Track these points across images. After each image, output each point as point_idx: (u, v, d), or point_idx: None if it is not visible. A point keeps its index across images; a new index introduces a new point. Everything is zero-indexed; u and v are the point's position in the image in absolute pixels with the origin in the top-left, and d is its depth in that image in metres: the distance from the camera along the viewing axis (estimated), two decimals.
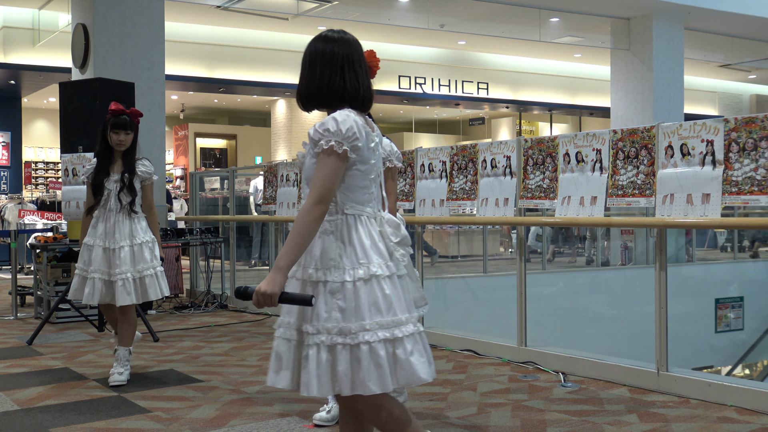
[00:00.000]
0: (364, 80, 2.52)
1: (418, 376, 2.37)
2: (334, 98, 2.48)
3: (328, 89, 2.48)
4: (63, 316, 7.20)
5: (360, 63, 2.53)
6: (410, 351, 2.37)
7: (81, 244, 4.84)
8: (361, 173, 2.45)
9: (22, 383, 4.79)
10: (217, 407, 4.17)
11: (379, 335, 2.35)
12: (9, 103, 16.07)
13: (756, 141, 3.93)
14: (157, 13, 9.11)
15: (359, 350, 2.35)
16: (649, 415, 3.91)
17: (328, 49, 2.50)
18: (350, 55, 2.51)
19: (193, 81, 14.73)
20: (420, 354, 2.40)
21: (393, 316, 2.38)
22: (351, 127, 2.39)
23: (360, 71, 2.52)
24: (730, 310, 8.59)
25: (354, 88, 2.49)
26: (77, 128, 6.56)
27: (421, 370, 2.38)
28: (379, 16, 13.49)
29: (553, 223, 6.45)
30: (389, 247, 2.47)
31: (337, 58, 2.49)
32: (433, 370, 2.44)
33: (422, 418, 3.90)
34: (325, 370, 2.36)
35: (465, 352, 5.53)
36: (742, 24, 14.94)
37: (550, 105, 19.49)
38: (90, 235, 4.79)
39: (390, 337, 2.36)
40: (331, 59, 2.49)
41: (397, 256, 2.48)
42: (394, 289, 2.41)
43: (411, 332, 2.40)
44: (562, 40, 15.11)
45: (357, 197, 2.46)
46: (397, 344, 2.37)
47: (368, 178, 2.48)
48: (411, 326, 2.41)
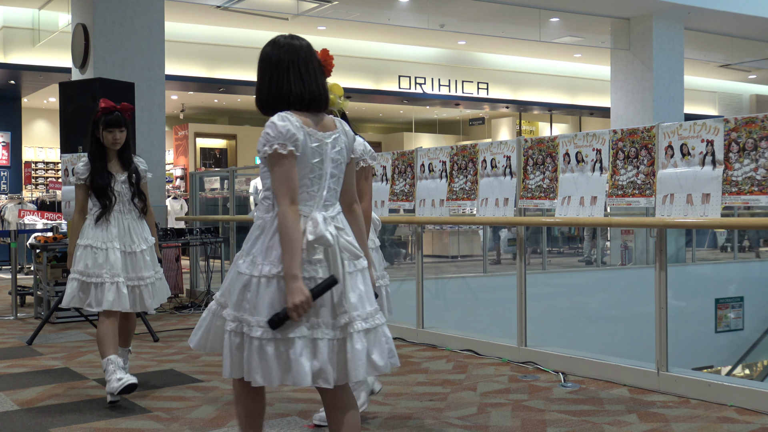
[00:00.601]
0: (310, 82, 2.62)
1: (304, 378, 2.44)
2: (282, 102, 2.60)
3: (276, 94, 2.61)
4: (63, 316, 7.20)
5: (307, 66, 2.63)
6: (299, 353, 2.44)
7: (72, 246, 4.48)
8: (299, 171, 2.53)
9: (22, 383, 4.79)
10: (217, 407, 4.17)
11: (269, 334, 2.45)
12: (9, 103, 16.07)
13: (756, 141, 3.93)
14: (157, 13, 9.11)
15: (251, 344, 2.48)
16: (649, 415, 3.91)
17: (275, 55, 2.63)
18: (295, 59, 2.62)
19: (193, 81, 14.72)
20: (307, 358, 2.45)
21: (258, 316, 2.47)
22: (288, 127, 2.50)
23: (306, 74, 2.62)
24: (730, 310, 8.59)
25: (299, 91, 2.60)
26: (77, 128, 6.55)
27: (306, 374, 2.44)
28: (379, 16, 13.49)
29: (553, 223, 6.45)
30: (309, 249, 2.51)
31: (283, 63, 2.61)
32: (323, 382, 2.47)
33: (422, 418, 3.91)
34: (231, 354, 2.54)
35: (465, 352, 5.54)
36: (742, 24, 14.94)
37: (550, 105, 19.49)
38: (92, 238, 4.43)
39: (280, 338, 2.45)
40: (278, 64, 2.62)
41: (311, 258, 2.51)
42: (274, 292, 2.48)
43: (303, 335, 2.46)
44: (562, 40, 15.11)
45: None
46: (289, 344, 2.45)
47: (307, 177, 2.55)
48: (305, 329, 2.46)
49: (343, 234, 2.60)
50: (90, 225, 4.47)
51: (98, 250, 4.42)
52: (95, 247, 4.42)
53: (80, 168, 4.49)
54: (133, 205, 4.54)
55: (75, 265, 4.44)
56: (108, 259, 4.40)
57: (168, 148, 18.69)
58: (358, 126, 24.06)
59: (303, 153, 2.53)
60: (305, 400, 4.23)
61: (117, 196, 4.48)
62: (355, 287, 2.56)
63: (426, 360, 5.34)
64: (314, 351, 2.48)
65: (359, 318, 2.53)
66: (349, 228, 2.66)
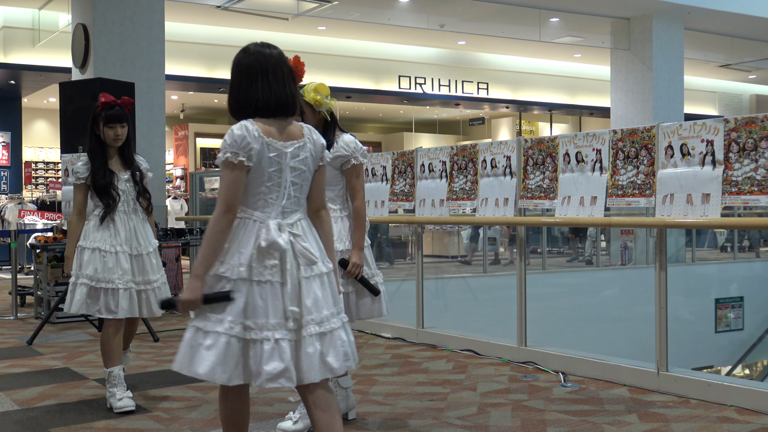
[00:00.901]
0: (277, 89, 2.69)
1: (195, 370, 2.60)
2: (249, 109, 2.69)
3: (244, 100, 2.70)
4: (63, 316, 7.20)
5: (275, 73, 2.70)
6: (208, 346, 2.59)
7: (71, 249, 4.25)
8: (254, 180, 2.63)
9: (22, 383, 4.79)
10: (217, 407, 4.17)
11: (195, 323, 2.63)
12: (9, 103, 16.07)
13: (756, 141, 3.93)
14: (157, 13, 9.11)
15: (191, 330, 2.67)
16: (649, 415, 3.91)
17: (244, 62, 2.72)
18: (264, 67, 2.69)
19: (193, 81, 14.72)
20: (212, 352, 2.58)
21: (208, 311, 2.62)
22: (243, 136, 2.60)
23: (275, 81, 2.69)
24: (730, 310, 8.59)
25: (265, 98, 2.67)
26: (77, 128, 6.55)
27: (201, 365, 2.59)
28: (379, 16, 13.49)
29: (553, 223, 6.45)
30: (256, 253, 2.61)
31: (252, 70, 2.69)
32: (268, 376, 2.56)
33: (422, 418, 3.91)
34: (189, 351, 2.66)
35: (465, 352, 5.54)
36: (742, 24, 14.94)
37: (550, 105, 19.49)
38: (99, 240, 4.19)
39: (202, 328, 2.61)
40: (247, 71, 2.70)
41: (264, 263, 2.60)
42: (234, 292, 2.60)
43: (216, 330, 2.58)
44: (562, 40, 15.12)
45: (248, 202, 2.65)
46: (207, 337, 2.60)
47: (264, 185, 2.64)
48: (219, 327, 2.59)
49: (299, 240, 2.67)
50: (94, 227, 4.22)
51: (107, 253, 4.18)
52: (104, 250, 4.17)
53: (79, 167, 4.27)
54: (138, 205, 4.32)
55: (82, 269, 4.18)
56: (119, 263, 4.18)
57: (168, 148, 18.69)
58: (358, 126, 24.11)
59: (259, 162, 2.61)
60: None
61: (121, 195, 4.24)
62: (310, 292, 2.65)
63: (426, 360, 5.34)
64: (279, 352, 2.57)
65: (313, 322, 2.63)
66: (309, 234, 2.73)
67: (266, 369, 2.55)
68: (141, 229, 4.32)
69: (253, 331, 2.58)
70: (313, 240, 2.74)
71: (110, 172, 4.24)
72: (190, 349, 2.62)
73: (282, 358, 2.56)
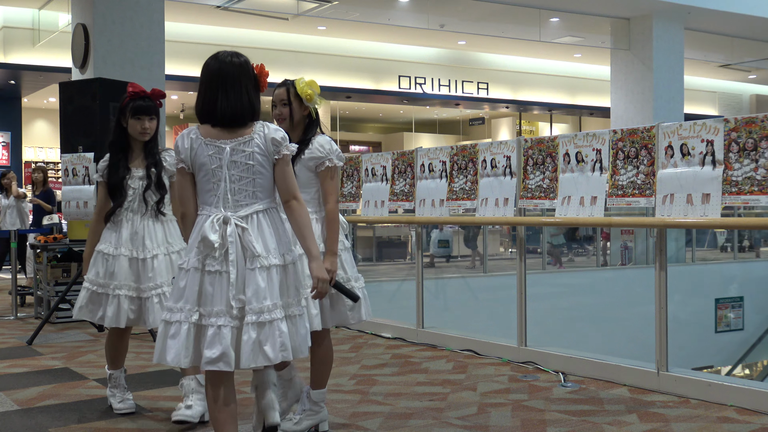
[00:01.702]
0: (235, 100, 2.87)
1: (164, 356, 2.83)
2: (207, 116, 2.89)
3: (206, 107, 2.88)
4: (63, 316, 7.20)
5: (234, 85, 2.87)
6: (171, 334, 2.83)
7: (89, 252, 4.01)
8: (202, 179, 2.88)
9: (22, 383, 4.79)
10: None
11: (164, 315, 2.87)
12: (9, 103, 16.08)
13: (756, 141, 3.93)
14: (157, 13, 9.11)
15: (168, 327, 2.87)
16: (649, 415, 3.91)
17: (209, 71, 2.91)
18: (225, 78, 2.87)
19: (193, 81, 14.70)
20: (174, 340, 2.81)
21: (173, 303, 2.87)
22: (181, 144, 2.87)
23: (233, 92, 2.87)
24: (730, 310, 8.60)
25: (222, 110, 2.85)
26: (77, 128, 6.56)
27: (169, 353, 2.82)
28: (379, 16, 13.50)
29: (553, 223, 6.45)
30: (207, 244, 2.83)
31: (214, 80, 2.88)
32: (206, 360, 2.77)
33: (422, 418, 3.91)
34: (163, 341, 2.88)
35: (465, 352, 5.54)
36: (742, 24, 14.94)
37: (550, 105, 19.49)
38: (106, 242, 3.96)
39: (167, 319, 2.85)
40: (209, 81, 2.89)
41: (207, 253, 2.83)
42: (188, 281, 2.84)
43: (176, 320, 2.83)
44: (562, 40, 15.12)
45: (204, 199, 2.90)
46: (170, 327, 2.84)
47: (210, 182, 2.87)
48: (178, 314, 2.83)
49: (246, 234, 2.84)
50: (107, 227, 3.99)
51: (109, 256, 3.94)
52: (106, 253, 3.94)
53: (101, 164, 4.01)
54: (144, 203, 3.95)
55: (89, 272, 3.98)
56: (119, 267, 3.92)
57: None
58: (358, 126, 24.10)
59: (201, 162, 2.85)
60: None
61: (131, 193, 3.94)
62: (251, 282, 2.82)
63: (426, 360, 5.34)
64: (219, 337, 2.78)
65: (251, 311, 2.80)
66: (263, 227, 2.88)
67: (206, 353, 2.76)
68: (152, 230, 3.96)
69: (203, 318, 2.81)
70: (268, 233, 2.89)
71: (126, 169, 3.95)
72: (161, 341, 2.85)
73: (221, 343, 2.76)
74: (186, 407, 3.81)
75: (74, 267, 7.44)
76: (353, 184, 6.59)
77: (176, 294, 2.87)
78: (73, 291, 7.08)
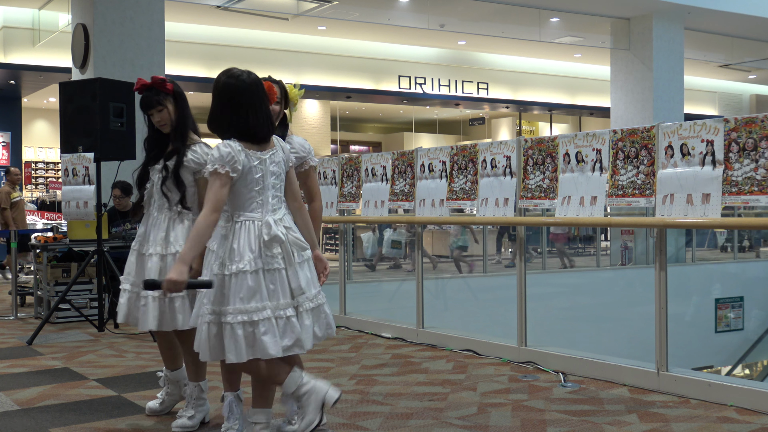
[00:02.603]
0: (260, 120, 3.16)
1: (267, 352, 3.05)
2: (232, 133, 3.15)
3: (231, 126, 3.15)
4: (63, 316, 7.20)
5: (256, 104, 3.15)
6: (263, 332, 3.05)
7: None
8: (245, 187, 3.13)
9: (22, 383, 4.79)
10: (216, 407, 4.16)
11: (238, 318, 3.05)
12: (9, 103, 16.08)
13: (756, 141, 3.93)
14: (157, 13, 9.11)
15: (224, 328, 3.07)
16: (649, 415, 3.91)
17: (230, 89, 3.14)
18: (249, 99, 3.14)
19: (193, 81, 14.74)
20: (273, 335, 3.06)
21: (246, 303, 3.06)
22: (229, 153, 3.08)
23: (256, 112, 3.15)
24: (730, 310, 8.59)
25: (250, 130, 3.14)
26: (77, 128, 6.55)
27: (270, 347, 3.05)
28: (379, 16, 13.50)
29: (553, 223, 6.45)
30: (263, 247, 3.10)
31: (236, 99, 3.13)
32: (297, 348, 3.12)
33: (422, 418, 3.91)
34: (213, 340, 3.11)
35: (465, 352, 5.54)
36: (742, 24, 14.95)
37: (550, 105, 19.50)
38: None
39: (248, 320, 3.04)
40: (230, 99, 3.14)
41: (270, 253, 3.11)
42: (257, 282, 3.08)
43: (267, 317, 3.06)
44: (562, 40, 15.12)
45: (244, 206, 3.15)
46: (254, 326, 3.05)
47: (254, 190, 3.14)
48: (268, 312, 3.07)
49: (291, 232, 3.20)
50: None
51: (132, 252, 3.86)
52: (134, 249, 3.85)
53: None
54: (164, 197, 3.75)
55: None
56: (129, 262, 3.83)
57: None
58: (358, 126, 24.10)
59: (248, 171, 3.11)
60: None
61: (149, 186, 3.80)
62: (303, 274, 3.18)
63: (426, 360, 5.34)
64: (285, 327, 3.09)
65: (306, 299, 3.18)
66: (294, 226, 3.26)
67: (284, 342, 3.08)
68: (159, 227, 3.75)
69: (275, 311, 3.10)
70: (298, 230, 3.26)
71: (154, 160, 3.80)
72: (251, 341, 3.05)
73: (293, 331, 3.10)
74: (188, 418, 3.79)
75: (74, 267, 7.44)
76: (353, 184, 6.59)
77: (247, 294, 3.06)
78: (73, 291, 7.09)
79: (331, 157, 7.07)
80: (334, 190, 6.79)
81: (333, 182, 6.80)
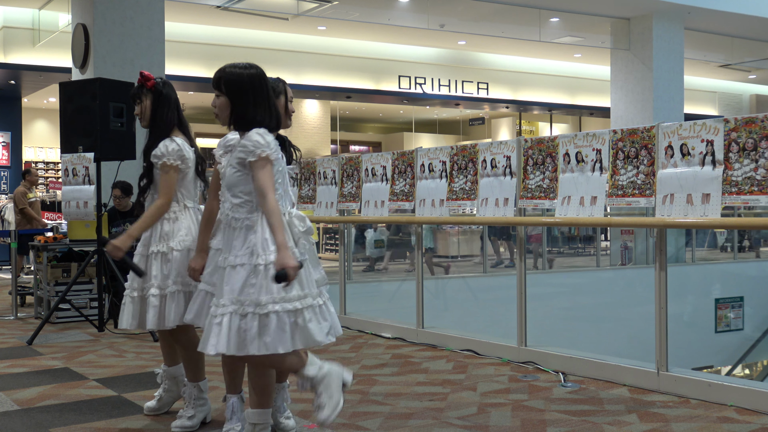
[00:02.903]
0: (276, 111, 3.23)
1: (314, 339, 3.04)
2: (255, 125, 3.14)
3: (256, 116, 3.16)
4: (63, 316, 7.20)
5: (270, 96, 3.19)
6: (308, 319, 3.03)
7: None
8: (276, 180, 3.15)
9: (22, 383, 4.79)
10: (216, 407, 4.17)
11: (286, 307, 3.00)
12: (9, 103, 16.07)
13: (756, 141, 3.93)
14: (157, 13, 9.11)
15: (267, 318, 2.99)
16: (649, 415, 3.91)
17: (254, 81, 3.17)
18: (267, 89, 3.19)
19: (193, 81, 14.73)
20: (318, 322, 3.07)
21: (294, 292, 3.02)
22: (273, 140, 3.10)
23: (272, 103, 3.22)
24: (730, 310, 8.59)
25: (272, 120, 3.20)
26: (77, 128, 6.55)
27: (317, 334, 3.05)
28: (379, 16, 13.50)
29: (553, 223, 6.45)
30: (294, 237, 3.12)
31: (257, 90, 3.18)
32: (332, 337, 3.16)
33: (422, 418, 3.91)
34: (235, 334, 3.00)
35: (465, 352, 5.54)
36: (742, 24, 14.94)
37: (550, 105, 19.49)
38: None
39: (291, 309, 3.00)
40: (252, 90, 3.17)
41: (302, 243, 3.14)
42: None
43: (310, 304, 3.05)
44: (562, 40, 15.12)
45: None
46: (298, 314, 3.02)
47: (278, 183, 3.13)
48: (310, 299, 3.06)
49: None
50: None
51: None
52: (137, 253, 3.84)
53: None
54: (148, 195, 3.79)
55: None
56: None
57: None
58: (358, 126, 24.09)
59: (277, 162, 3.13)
60: (305, 401, 4.23)
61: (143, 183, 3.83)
62: (318, 264, 3.27)
63: (426, 360, 5.34)
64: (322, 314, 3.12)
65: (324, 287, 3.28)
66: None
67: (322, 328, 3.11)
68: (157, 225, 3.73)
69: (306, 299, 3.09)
70: None
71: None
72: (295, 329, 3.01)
73: (328, 318, 3.16)
74: (188, 418, 3.78)
75: (74, 267, 7.44)
76: (353, 184, 6.59)
77: (302, 281, 3.06)
78: (73, 291, 7.09)
79: (331, 157, 7.07)
80: (334, 190, 6.79)
81: (333, 182, 6.80)
